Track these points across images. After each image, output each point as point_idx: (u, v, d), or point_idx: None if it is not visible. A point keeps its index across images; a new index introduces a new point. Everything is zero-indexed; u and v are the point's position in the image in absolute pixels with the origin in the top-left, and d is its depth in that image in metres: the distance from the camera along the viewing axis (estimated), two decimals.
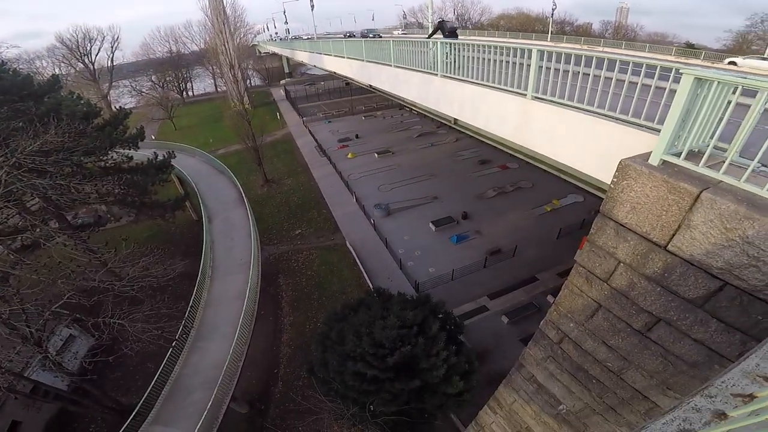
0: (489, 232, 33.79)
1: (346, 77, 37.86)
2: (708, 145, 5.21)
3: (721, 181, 5.00)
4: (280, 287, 29.83)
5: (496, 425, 13.20)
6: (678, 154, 5.45)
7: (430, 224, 34.93)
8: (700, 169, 5.17)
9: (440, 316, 16.84)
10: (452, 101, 14.40)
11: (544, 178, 42.05)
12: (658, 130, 5.82)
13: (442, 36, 16.79)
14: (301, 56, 54.25)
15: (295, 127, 68.83)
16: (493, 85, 11.30)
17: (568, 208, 37.20)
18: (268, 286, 28.85)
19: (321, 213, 39.77)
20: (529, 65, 9.35)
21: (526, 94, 9.72)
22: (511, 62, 10.27)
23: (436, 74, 14.63)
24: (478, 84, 12.11)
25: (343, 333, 15.62)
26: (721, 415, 2.02)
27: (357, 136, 60.69)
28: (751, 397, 2.08)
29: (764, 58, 39.95)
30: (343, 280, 29.30)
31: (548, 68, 8.97)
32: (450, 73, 13.85)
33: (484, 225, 34.93)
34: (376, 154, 52.51)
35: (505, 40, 61.39)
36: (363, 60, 23.59)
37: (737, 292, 4.89)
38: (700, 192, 4.89)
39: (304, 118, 72.06)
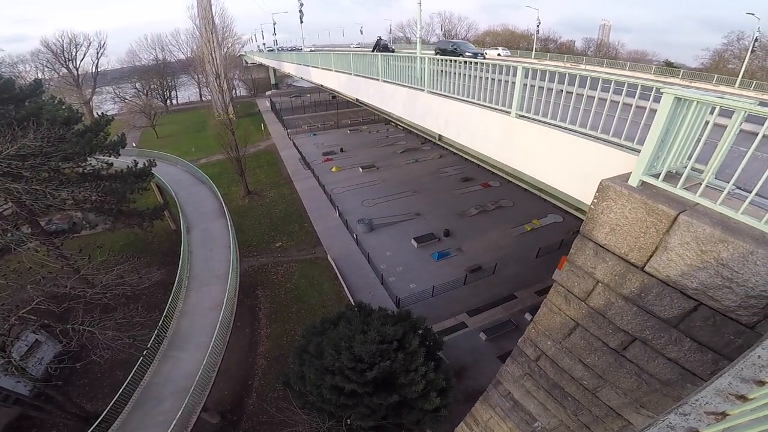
0: (470, 250, 33.96)
1: (333, 90, 38.07)
2: (686, 167, 5.33)
3: (698, 204, 5.11)
4: (258, 299, 29.38)
5: None
6: (657, 176, 5.56)
7: (413, 241, 34.97)
8: (678, 191, 5.28)
9: (420, 332, 16.75)
10: (438, 117, 14.51)
11: (524, 197, 42.65)
12: (638, 151, 5.93)
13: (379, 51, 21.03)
14: (288, 68, 54.32)
15: (279, 139, 68.59)
16: (478, 102, 11.42)
17: (548, 228, 37.65)
18: (245, 298, 28.38)
19: (303, 226, 39.48)
20: (513, 83, 9.48)
21: (510, 112, 9.83)
22: (496, 79, 10.40)
23: (423, 90, 14.78)
24: (464, 101, 12.25)
25: (321, 346, 15.41)
26: None
27: (342, 150, 60.66)
28: (724, 415, 2.11)
29: (495, 48, 60.02)
30: (323, 294, 29.02)
31: (532, 86, 9.07)
32: (436, 89, 14.01)
33: (466, 243, 35.11)
34: (360, 169, 52.51)
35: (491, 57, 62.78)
36: (351, 73, 23.70)
37: (711, 312, 4.98)
38: (678, 214, 4.99)
39: (288, 130, 71.83)
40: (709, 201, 4.98)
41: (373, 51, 25.50)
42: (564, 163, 8.57)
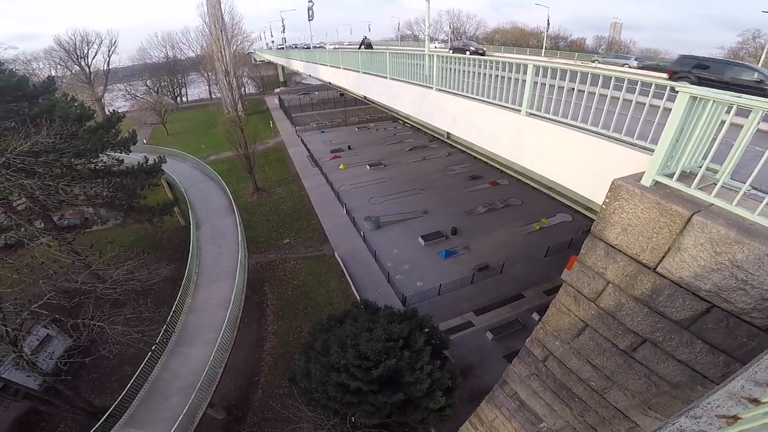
0: (478, 248, 33.83)
1: (341, 88, 38.07)
2: (700, 167, 5.23)
3: (713, 204, 5.02)
4: (266, 296, 29.53)
5: None
6: (670, 175, 5.48)
7: (420, 238, 34.90)
8: (692, 191, 5.19)
9: (426, 330, 16.74)
10: (446, 115, 14.44)
11: (533, 196, 42.38)
12: (651, 150, 5.85)
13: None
14: (297, 65, 54.37)
15: (287, 136, 68.81)
16: (487, 100, 11.33)
17: (557, 227, 37.38)
18: (253, 294, 28.56)
19: (310, 223, 39.60)
20: (524, 80, 9.39)
21: (520, 110, 9.74)
22: (506, 77, 10.32)
23: (432, 87, 14.69)
24: (473, 99, 12.16)
25: (328, 344, 15.47)
26: None
27: (349, 148, 60.69)
28: (735, 418, 2.06)
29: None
30: (329, 291, 29.10)
31: (543, 84, 8.97)
32: (444, 86, 13.93)
33: (473, 241, 34.98)
34: (368, 166, 52.49)
35: (500, 54, 62.33)
36: (359, 71, 23.68)
37: (724, 314, 4.90)
38: (692, 215, 4.90)
39: (297, 128, 72.06)
40: (724, 201, 4.88)
41: (359, 48, 30.67)
42: (575, 162, 8.47)
